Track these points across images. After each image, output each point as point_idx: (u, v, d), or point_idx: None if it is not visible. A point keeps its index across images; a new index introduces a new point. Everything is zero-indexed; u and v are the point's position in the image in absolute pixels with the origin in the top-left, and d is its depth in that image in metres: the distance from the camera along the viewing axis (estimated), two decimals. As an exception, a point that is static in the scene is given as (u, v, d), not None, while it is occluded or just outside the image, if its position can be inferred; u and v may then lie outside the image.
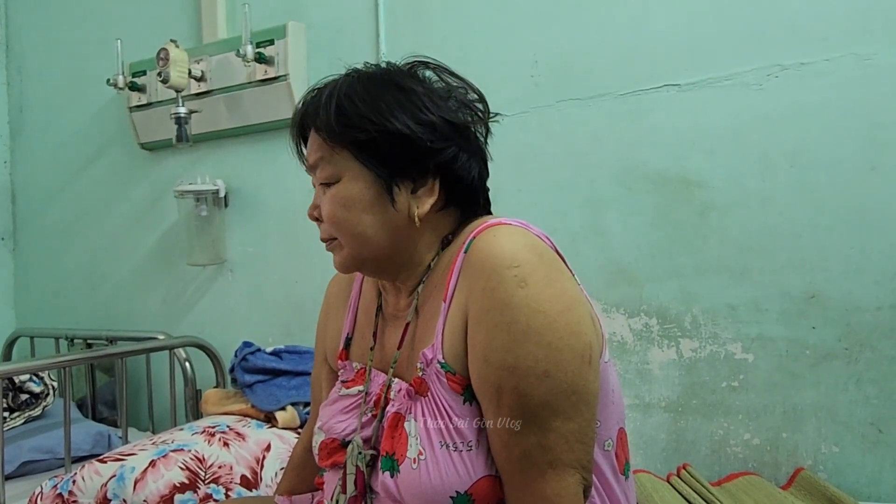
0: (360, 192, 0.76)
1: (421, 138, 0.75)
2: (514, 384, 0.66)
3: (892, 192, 1.23)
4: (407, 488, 0.71)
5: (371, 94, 0.76)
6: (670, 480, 1.29)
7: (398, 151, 0.75)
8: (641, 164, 1.42)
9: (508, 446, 0.68)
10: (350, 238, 0.78)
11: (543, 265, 0.69)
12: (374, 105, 0.75)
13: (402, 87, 0.77)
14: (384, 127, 0.74)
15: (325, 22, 1.79)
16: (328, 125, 0.76)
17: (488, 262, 0.69)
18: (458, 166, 0.78)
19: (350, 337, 0.92)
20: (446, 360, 0.72)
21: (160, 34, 1.92)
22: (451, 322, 0.72)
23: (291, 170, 1.95)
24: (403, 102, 0.76)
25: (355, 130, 0.75)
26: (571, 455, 0.68)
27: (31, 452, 1.60)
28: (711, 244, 1.36)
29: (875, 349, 1.24)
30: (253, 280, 1.94)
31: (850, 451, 1.27)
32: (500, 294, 0.67)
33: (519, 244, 0.70)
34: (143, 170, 2.13)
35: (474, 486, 0.69)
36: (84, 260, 2.27)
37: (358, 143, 0.75)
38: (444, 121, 0.76)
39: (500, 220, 0.75)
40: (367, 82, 0.78)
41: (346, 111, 0.75)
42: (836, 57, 1.26)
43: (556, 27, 1.50)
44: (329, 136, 0.76)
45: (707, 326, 1.37)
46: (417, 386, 0.74)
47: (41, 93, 2.37)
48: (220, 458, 1.33)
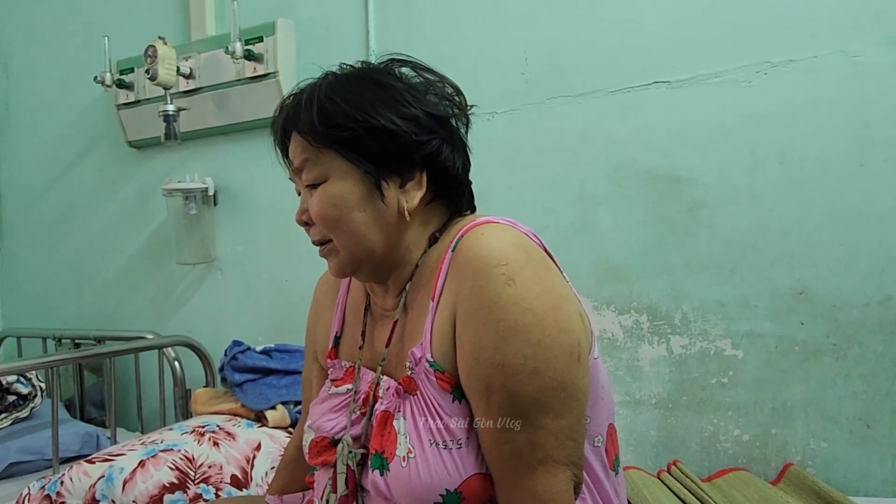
0: (350, 189, 0.76)
1: (406, 132, 0.75)
2: (503, 382, 0.66)
3: (879, 188, 1.23)
4: (397, 486, 0.71)
5: (352, 93, 0.76)
6: (661, 477, 1.30)
7: (384, 147, 0.75)
8: (631, 161, 1.42)
9: (499, 444, 0.68)
10: (345, 237, 0.77)
11: (531, 263, 0.69)
12: (356, 103, 0.75)
13: (381, 84, 0.77)
14: (368, 123, 0.74)
15: (314, 19, 1.78)
16: (311, 126, 0.76)
17: (476, 261, 0.69)
18: (442, 158, 0.78)
19: (339, 336, 0.92)
20: (435, 358, 0.72)
21: (148, 31, 1.91)
22: (439, 321, 0.72)
23: (281, 168, 1.96)
24: (385, 98, 0.76)
25: (339, 129, 0.75)
26: (562, 452, 0.68)
27: (18, 453, 1.59)
28: (701, 241, 1.37)
29: (863, 345, 1.25)
30: (242, 279, 1.93)
31: (838, 447, 1.28)
32: (488, 292, 0.67)
33: (506, 242, 0.70)
34: (131, 168, 2.11)
35: (464, 485, 0.69)
36: (72, 259, 2.25)
37: (343, 141, 0.75)
38: (426, 113, 0.77)
39: (488, 219, 0.76)
40: (346, 81, 0.78)
41: (329, 111, 0.75)
42: (825, 54, 1.26)
43: (546, 25, 1.50)
44: (313, 138, 0.76)
45: (697, 323, 1.38)
46: (406, 385, 0.74)
47: (27, 90, 2.34)
48: (209, 457, 1.32)
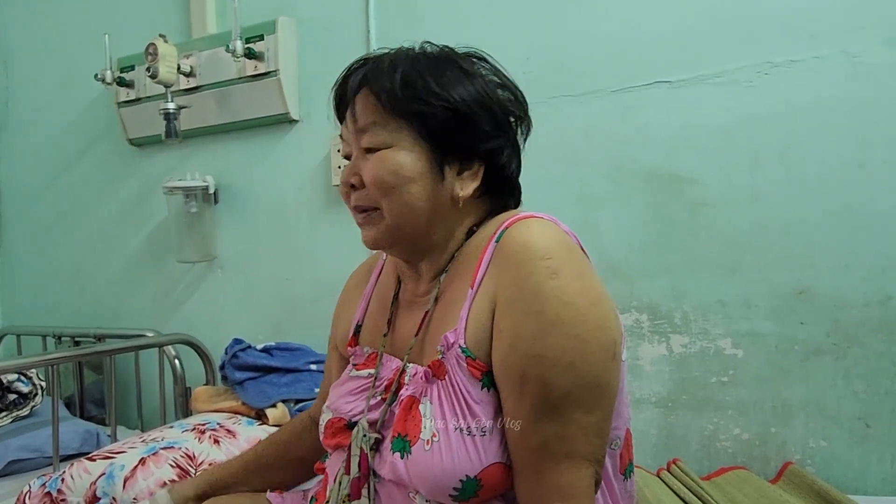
0: (413, 161, 0.76)
1: (480, 122, 0.76)
2: (539, 373, 0.67)
3: (880, 188, 1.24)
4: (416, 470, 0.71)
5: (438, 71, 0.76)
6: (661, 475, 1.30)
7: (456, 130, 0.75)
8: (633, 160, 1.42)
9: (526, 434, 0.68)
10: (396, 206, 0.76)
11: (573, 260, 0.70)
12: (440, 81, 0.75)
13: (466, 71, 0.77)
14: (449, 104, 0.74)
15: (315, 17, 1.78)
16: (391, 92, 0.75)
17: (521, 252, 0.70)
18: (503, 156, 0.79)
19: (360, 324, 0.93)
20: (468, 345, 0.72)
21: (149, 29, 1.91)
22: (476, 308, 0.73)
23: (282, 166, 1.96)
24: (467, 84, 0.76)
25: (419, 102, 0.74)
26: (588, 448, 0.69)
27: (18, 451, 1.58)
28: (702, 241, 1.37)
29: (863, 345, 1.26)
30: (243, 277, 1.93)
31: (837, 446, 1.28)
32: (531, 283, 0.68)
33: (551, 237, 0.71)
34: (131, 166, 2.11)
35: (484, 472, 0.69)
36: (72, 257, 2.25)
37: (419, 114, 0.75)
38: (502, 110, 0.78)
39: (532, 214, 0.77)
40: (431, 58, 0.78)
41: (413, 81, 0.75)
42: (826, 55, 1.27)
43: (547, 24, 1.50)
44: (390, 102, 0.75)
45: (697, 322, 1.38)
46: (435, 369, 0.74)
47: (27, 88, 2.34)
48: (210, 455, 1.32)
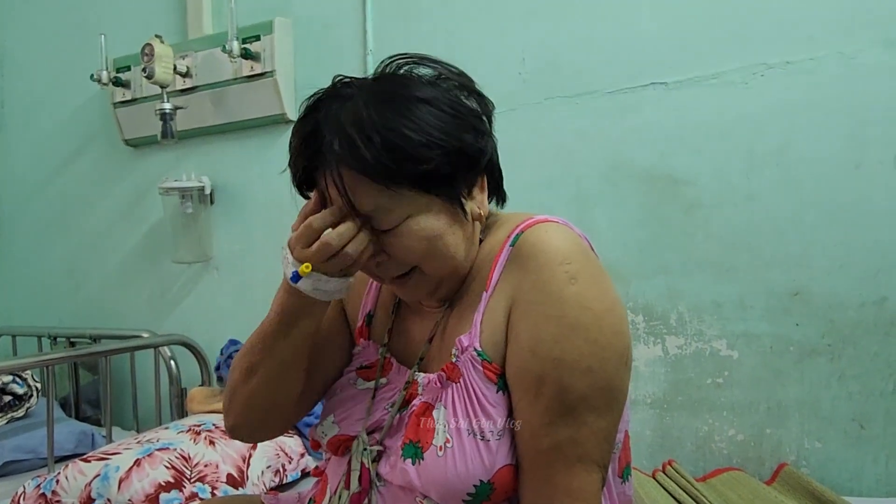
0: (435, 219, 0.72)
1: (473, 145, 0.73)
2: (557, 376, 0.67)
3: (875, 189, 1.24)
4: (429, 476, 0.70)
5: (408, 119, 0.69)
6: (656, 476, 1.30)
7: (459, 166, 0.72)
8: (628, 161, 1.42)
9: (538, 437, 0.68)
10: (437, 262, 0.74)
11: (590, 265, 0.70)
12: (421, 129, 0.69)
13: (426, 100, 0.71)
14: (442, 149, 0.70)
15: (311, 18, 1.78)
16: (383, 168, 0.68)
17: (540, 257, 0.70)
18: (494, 154, 0.78)
19: (371, 314, 0.89)
20: (483, 348, 0.72)
21: (145, 29, 1.90)
22: (491, 312, 0.72)
23: (277, 167, 1.95)
24: (441, 116, 0.71)
25: (416, 163, 0.69)
26: (598, 452, 0.69)
27: (13, 452, 1.58)
28: (697, 241, 1.37)
29: (857, 345, 1.26)
30: (239, 278, 1.92)
31: (832, 447, 1.28)
32: (552, 287, 0.68)
33: (569, 242, 0.71)
34: (127, 166, 2.10)
35: (496, 475, 0.69)
36: (67, 257, 2.25)
37: (419, 175, 0.69)
38: (478, 117, 0.75)
39: (546, 217, 0.76)
40: (390, 106, 0.70)
41: (398, 146, 0.68)
42: (821, 56, 1.27)
43: (543, 25, 1.50)
44: (386, 178, 0.69)
45: (692, 323, 1.38)
46: (449, 372, 0.74)
47: (23, 88, 2.33)
48: (205, 456, 1.32)
